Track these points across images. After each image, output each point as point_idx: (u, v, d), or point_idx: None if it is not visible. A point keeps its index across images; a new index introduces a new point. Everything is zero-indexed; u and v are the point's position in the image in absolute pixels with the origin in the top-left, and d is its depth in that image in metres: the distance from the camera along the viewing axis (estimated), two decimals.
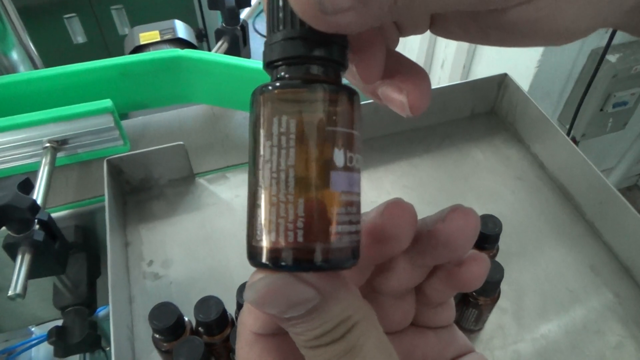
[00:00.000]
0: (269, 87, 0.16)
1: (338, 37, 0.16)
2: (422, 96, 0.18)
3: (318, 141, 0.15)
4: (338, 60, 0.16)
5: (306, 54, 0.16)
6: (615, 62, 1.11)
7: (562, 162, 0.72)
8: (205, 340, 0.50)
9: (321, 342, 0.16)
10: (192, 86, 0.77)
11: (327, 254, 0.15)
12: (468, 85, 0.79)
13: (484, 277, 0.19)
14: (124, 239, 0.66)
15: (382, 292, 0.20)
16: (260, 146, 0.16)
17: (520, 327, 0.59)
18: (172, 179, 0.72)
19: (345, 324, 0.16)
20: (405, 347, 0.21)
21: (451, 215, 0.18)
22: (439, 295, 0.20)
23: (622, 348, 0.57)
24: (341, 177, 0.16)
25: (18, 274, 0.53)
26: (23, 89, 0.70)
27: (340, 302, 0.16)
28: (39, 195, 0.61)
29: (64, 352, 0.62)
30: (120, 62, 0.73)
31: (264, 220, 0.15)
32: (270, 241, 0.15)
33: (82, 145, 0.70)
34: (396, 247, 0.18)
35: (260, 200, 0.16)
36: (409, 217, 0.17)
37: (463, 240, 0.18)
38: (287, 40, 0.16)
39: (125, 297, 0.59)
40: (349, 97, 0.16)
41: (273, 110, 0.15)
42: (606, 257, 0.65)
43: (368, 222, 0.17)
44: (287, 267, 0.15)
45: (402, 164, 0.76)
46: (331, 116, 0.15)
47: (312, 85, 0.15)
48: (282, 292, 0.15)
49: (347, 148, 0.16)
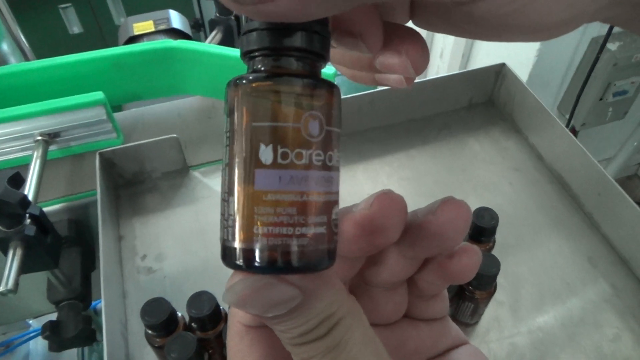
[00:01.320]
0: (232, 80, 0.15)
1: (313, 27, 0.15)
2: (422, 53, 0.17)
3: (277, 138, 0.15)
4: (309, 52, 0.15)
5: (262, 46, 0.15)
6: (616, 51, 1.10)
7: (561, 153, 0.71)
8: (199, 335, 0.50)
9: (305, 339, 0.16)
10: (186, 77, 0.76)
11: (300, 256, 0.15)
12: (465, 75, 0.78)
13: (475, 269, 0.19)
14: (117, 232, 0.65)
15: (374, 284, 0.20)
16: (227, 139, 0.15)
17: (517, 319, 0.58)
18: (165, 171, 0.71)
19: (329, 321, 0.16)
20: (397, 339, 0.21)
21: (442, 207, 0.18)
22: (432, 287, 0.20)
23: (619, 340, 0.56)
24: (314, 176, 0.15)
25: (9, 270, 0.53)
26: (13, 81, 0.69)
27: (323, 299, 0.16)
28: (31, 189, 0.60)
29: (58, 346, 0.62)
30: (112, 54, 0.71)
31: (237, 221, 0.15)
32: (243, 242, 0.15)
33: (75, 138, 0.69)
34: (386, 238, 0.17)
35: (231, 198, 0.15)
36: (399, 208, 0.17)
37: (453, 232, 0.18)
38: (252, 31, 0.15)
39: (119, 292, 0.59)
40: (314, 90, 0.15)
41: (238, 104, 0.15)
42: (604, 248, 0.65)
43: (357, 214, 0.17)
44: (260, 268, 0.15)
45: (399, 156, 0.75)
46: (299, 111, 0.15)
47: (273, 79, 0.15)
48: (262, 293, 0.15)
49: (317, 145, 0.15)
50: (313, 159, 0.15)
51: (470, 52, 1.30)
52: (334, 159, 0.16)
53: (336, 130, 0.16)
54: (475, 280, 0.52)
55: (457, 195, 0.17)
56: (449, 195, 0.18)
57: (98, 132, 0.70)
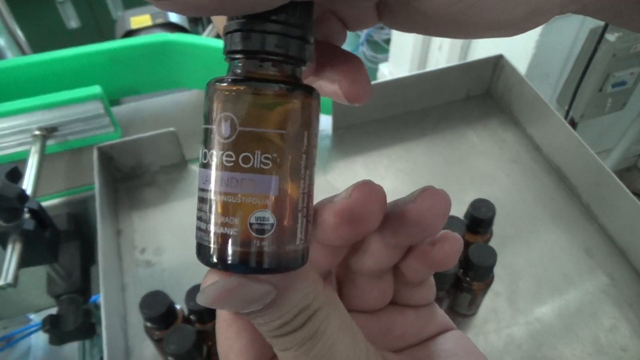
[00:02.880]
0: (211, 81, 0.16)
1: (291, 29, 0.15)
2: (353, 85, 0.18)
3: (248, 139, 0.15)
4: (282, 55, 0.15)
5: (238, 49, 0.15)
6: (615, 42, 1.10)
7: (558, 144, 0.71)
8: (197, 328, 0.50)
9: (283, 331, 0.16)
10: (183, 71, 0.76)
11: (272, 256, 0.15)
12: (463, 67, 0.77)
13: (456, 255, 0.20)
14: (115, 226, 0.65)
15: (359, 272, 0.21)
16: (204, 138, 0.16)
17: (514, 310, 0.59)
18: (163, 165, 0.71)
19: (304, 313, 0.16)
20: (383, 325, 0.21)
21: (421, 195, 0.18)
22: (416, 274, 0.21)
23: (616, 330, 0.57)
24: (279, 180, 0.15)
25: (9, 264, 0.53)
26: (10, 76, 0.69)
27: (297, 292, 0.16)
28: (29, 183, 0.60)
29: (59, 340, 0.63)
30: (109, 48, 0.71)
31: (212, 220, 0.15)
32: (218, 242, 0.15)
33: (72, 132, 0.70)
34: (366, 227, 0.18)
35: (205, 198, 0.15)
36: (378, 197, 0.18)
37: (432, 220, 0.18)
38: (233, 32, 0.15)
39: (118, 285, 0.59)
40: (282, 96, 0.15)
41: (212, 104, 0.15)
42: (601, 239, 0.65)
43: (337, 203, 0.18)
44: (234, 268, 0.15)
45: (397, 148, 0.76)
46: (269, 114, 0.15)
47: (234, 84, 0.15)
48: (234, 293, 0.15)
49: (283, 149, 0.15)
50: (257, 160, 0.15)
51: (469, 45, 1.30)
52: (302, 162, 0.16)
53: (287, 132, 0.15)
54: (473, 271, 0.52)
55: (455, 187, 0.18)
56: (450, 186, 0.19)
57: (96, 126, 0.70)
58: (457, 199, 0.64)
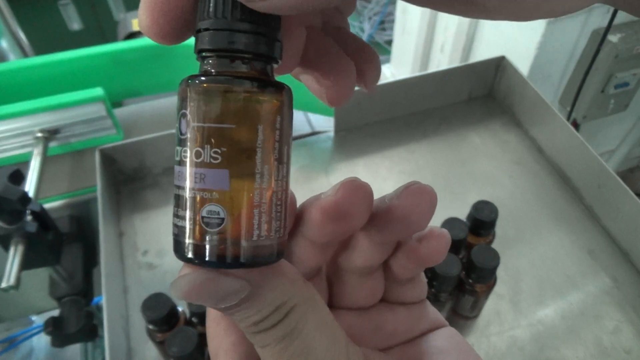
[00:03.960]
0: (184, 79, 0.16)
1: (260, 27, 0.15)
2: (339, 93, 0.18)
3: (220, 136, 0.15)
4: (250, 53, 0.16)
5: (206, 47, 0.15)
6: (617, 43, 1.09)
7: (561, 145, 0.71)
8: (200, 330, 0.50)
9: (260, 327, 0.16)
10: (186, 73, 0.75)
11: (246, 251, 0.15)
12: (465, 68, 0.77)
13: (443, 252, 0.20)
14: (117, 228, 0.65)
15: (348, 269, 0.21)
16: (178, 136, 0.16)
17: (517, 312, 0.59)
18: (166, 167, 0.71)
19: (281, 310, 0.16)
20: (374, 323, 0.21)
21: (406, 191, 0.18)
22: (405, 271, 0.21)
23: (620, 333, 0.56)
24: (261, 175, 0.15)
25: (11, 266, 0.53)
26: (13, 78, 0.69)
27: (273, 289, 0.16)
28: (31, 185, 0.60)
29: (61, 342, 0.63)
30: (111, 50, 0.71)
31: (187, 215, 0.15)
32: (192, 237, 0.15)
33: (75, 134, 0.70)
34: (352, 224, 0.18)
35: (180, 194, 0.16)
36: (364, 195, 0.18)
37: (417, 216, 0.18)
38: (204, 31, 0.15)
39: (120, 288, 0.59)
40: (249, 93, 0.15)
41: (183, 103, 0.16)
42: (604, 241, 0.65)
43: (323, 200, 0.18)
44: (209, 263, 0.15)
45: (399, 150, 0.75)
46: (235, 111, 0.15)
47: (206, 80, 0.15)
48: (205, 287, 0.15)
49: (262, 143, 0.15)
50: (207, 155, 0.15)
51: (471, 46, 1.30)
52: (259, 157, 0.16)
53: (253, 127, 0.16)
54: (475, 273, 0.52)
55: (457, 189, 0.18)
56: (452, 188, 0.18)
57: (98, 129, 0.70)
58: (459, 201, 0.64)
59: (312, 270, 0.20)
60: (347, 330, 0.21)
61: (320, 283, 0.21)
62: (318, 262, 0.20)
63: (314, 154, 0.75)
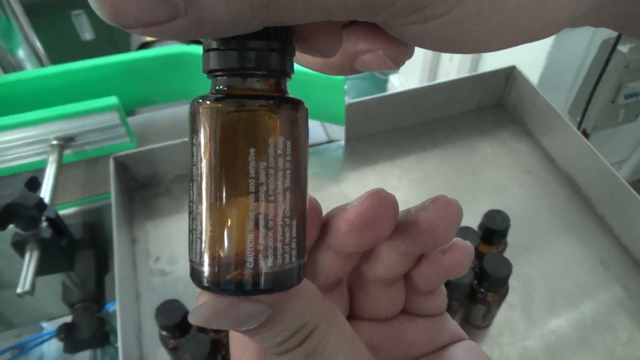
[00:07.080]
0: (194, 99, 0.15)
1: (270, 44, 0.15)
2: (398, 47, 0.17)
3: (233, 159, 0.14)
4: (260, 70, 0.15)
5: (216, 67, 0.15)
6: (627, 53, 1.09)
7: (572, 155, 0.71)
8: (212, 336, 0.50)
9: (283, 349, 0.16)
10: (198, 82, 0.77)
11: (266, 277, 0.15)
12: (475, 78, 0.78)
13: (467, 263, 0.20)
14: (130, 235, 0.66)
15: (371, 280, 0.21)
16: (192, 160, 0.15)
17: (529, 322, 0.58)
18: (178, 175, 0.72)
19: (303, 331, 0.16)
20: (394, 333, 0.21)
21: (433, 204, 0.18)
22: (427, 283, 0.21)
23: (633, 343, 0.56)
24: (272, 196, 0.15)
25: (26, 271, 0.53)
26: (30, 87, 0.71)
27: (293, 310, 0.16)
28: (47, 192, 0.61)
29: (73, 348, 0.63)
30: (126, 59, 0.73)
31: (203, 242, 0.15)
32: (210, 265, 0.15)
33: (89, 142, 0.70)
34: (377, 234, 0.18)
35: (198, 219, 0.15)
36: (390, 205, 0.18)
37: (443, 229, 0.18)
38: (210, 51, 0.15)
39: (132, 294, 0.59)
40: (260, 111, 0.15)
41: (196, 123, 0.15)
42: (616, 251, 0.64)
43: (349, 211, 0.18)
44: (228, 291, 0.15)
45: (409, 159, 0.76)
46: (252, 131, 0.14)
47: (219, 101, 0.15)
48: (226, 313, 0.15)
49: (272, 167, 0.15)
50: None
51: (479, 56, 1.30)
52: (286, 177, 0.15)
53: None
54: (487, 282, 0.52)
55: (468, 198, 0.18)
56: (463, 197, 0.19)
57: (112, 137, 0.71)
58: (470, 210, 0.64)
59: (335, 280, 0.20)
60: (367, 340, 0.21)
61: (341, 293, 0.21)
62: (341, 271, 0.20)
63: (325, 162, 0.75)
